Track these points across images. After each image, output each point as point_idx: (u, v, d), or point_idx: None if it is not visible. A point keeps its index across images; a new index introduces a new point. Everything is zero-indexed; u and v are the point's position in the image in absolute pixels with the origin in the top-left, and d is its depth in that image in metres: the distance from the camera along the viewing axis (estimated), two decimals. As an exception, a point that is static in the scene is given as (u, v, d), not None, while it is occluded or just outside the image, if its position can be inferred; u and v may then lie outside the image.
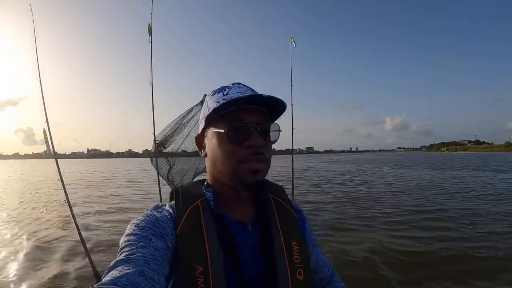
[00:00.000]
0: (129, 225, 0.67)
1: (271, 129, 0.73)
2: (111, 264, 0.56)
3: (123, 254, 0.58)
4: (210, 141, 0.74)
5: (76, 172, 29.80)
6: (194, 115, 2.12)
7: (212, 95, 0.74)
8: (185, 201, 0.73)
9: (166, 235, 0.65)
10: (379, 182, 14.15)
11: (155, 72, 2.57)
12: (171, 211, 0.71)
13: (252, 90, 0.74)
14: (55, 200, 9.68)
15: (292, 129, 3.67)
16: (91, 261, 2.40)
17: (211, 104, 0.72)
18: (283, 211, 0.80)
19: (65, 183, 2.52)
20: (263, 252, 0.71)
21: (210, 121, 0.73)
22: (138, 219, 0.68)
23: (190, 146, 2.08)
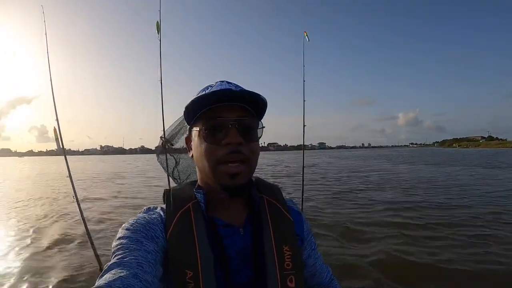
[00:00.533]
0: (120, 229, 0.66)
1: (253, 126, 0.70)
2: (105, 268, 0.56)
3: (116, 258, 0.58)
4: (194, 141, 0.72)
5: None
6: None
7: (198, 93, 0.73)
8: (176, 204, 0.71)
9: (157, 238, 0.65)
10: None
11: (165, 70, 2.56)
12: (162, 213, 0.71)
13: (236, 86, 0.72)
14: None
15: (304, 125, 3.58)
16: (96, 254, 2.44)
17: None
18: (277, 214, 0.77)
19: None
20: (253, 257, 0.69)
21: (190, 119, 0.71)
22: (129, 223, 0.67)
23: None
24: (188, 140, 0.77)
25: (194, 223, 0.68)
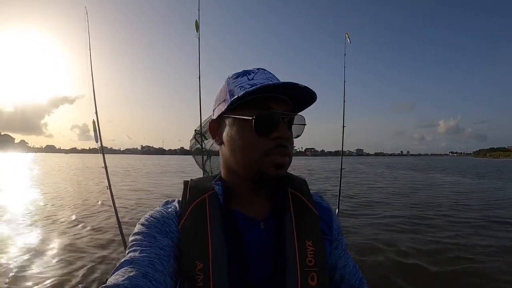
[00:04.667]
0: (137, 224, 0.66)
1: (295, 122, 0.69)
2: (117, 265, 0.56)
3: (129, 255, 0.58)
4: (230, 128, 0.67)
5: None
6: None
7: (235, 78, 0.69)
8: (192, 196, 0.70)
9: (172, 232, 0.64)
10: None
11: (202, 68, 2.60)
12: (177, 206, 0.70)
13: (276, 77, 0.70)
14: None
15: (344, 126, 3.47)
16: (124, 241, 2.56)
17: (234, 88, 0.67)
18: (301, 207, 0.72)
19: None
20: (274, 252, 0.65)
21: (233, 106, 0.66)
22: (145, 218, 0.67)
23: None
24: (216, 125, 0.72)
25: (208, 215, 0.66)
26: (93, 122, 2.47)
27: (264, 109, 0.63)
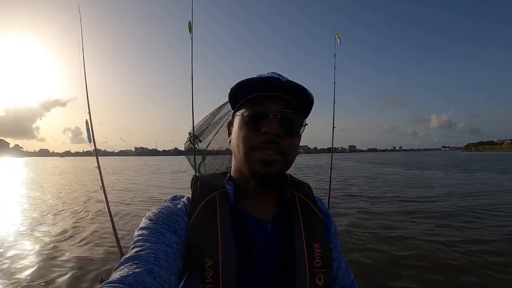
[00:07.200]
0: (144, 218, 0.66)
1: (295, 121, 0.68)
2: (121, 260, 0.55)
3: (134, 250, 0.57)
4: (235, 126, 0.72)
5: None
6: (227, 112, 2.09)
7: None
8: (202, 192, 0.70)
9: (180, 230, 0.64)
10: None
11: (195, 71, 2.61)
12: (187, 203, 0.70)
13: (285, 78, 0.69)
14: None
15: (333, 127, 3.52)
16: (117, 240, 2.56)
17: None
18: (308, 211, 0.75)
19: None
20: (281, 253, 0.66)
21: (235, 104, 0.72)
22: (152, 212, 0.66)
23: (218, 144, 2.04)
24: (230, 125, 0.76)
25: (218, 212, 0.67)
26: (86, 122, 2.47)
27: (256, 106, 0.67)
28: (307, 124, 0.71)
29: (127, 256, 0.56)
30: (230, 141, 0.75)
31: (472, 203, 8.00)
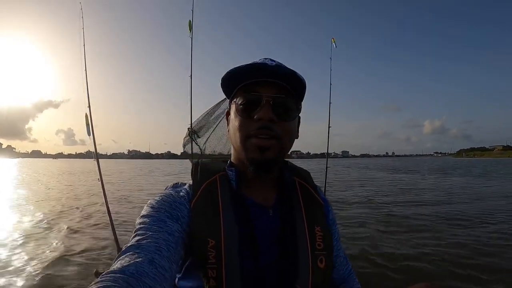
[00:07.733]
0: (145, 206, 0.65)
1: (288, 105, 0.68)
2: (123, 249, 0.55)
3: (135, 239, 0.56)
4: (231, 115, 0.72)
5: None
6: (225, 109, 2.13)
7: None
8: (203, 176, 0.71)
9: (183, 217, 0.63)
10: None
11: (194, 70, 2.63)
12: (189, 190, 0.69)
13: (278, 63, 0.69)
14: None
15: (329, 127, 3.54)
16: (115, 235, 2.56)
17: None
18: (309, 196, 0.77)
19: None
20: (282, 237, 0.67)
21: (229, 93, 0.72)
22: (154, 199, 0.66)
23: (218, 144, 2.06)
24: (228, 114, 0.76)
25: (219, 194, 0.67)
26: (86, 116, 2.47)
27: (247, 93, 0.66)
28: (301, 107, 0.72)
29: (128, 244, 0.55)
30: (228, 131, 0.75)
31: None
